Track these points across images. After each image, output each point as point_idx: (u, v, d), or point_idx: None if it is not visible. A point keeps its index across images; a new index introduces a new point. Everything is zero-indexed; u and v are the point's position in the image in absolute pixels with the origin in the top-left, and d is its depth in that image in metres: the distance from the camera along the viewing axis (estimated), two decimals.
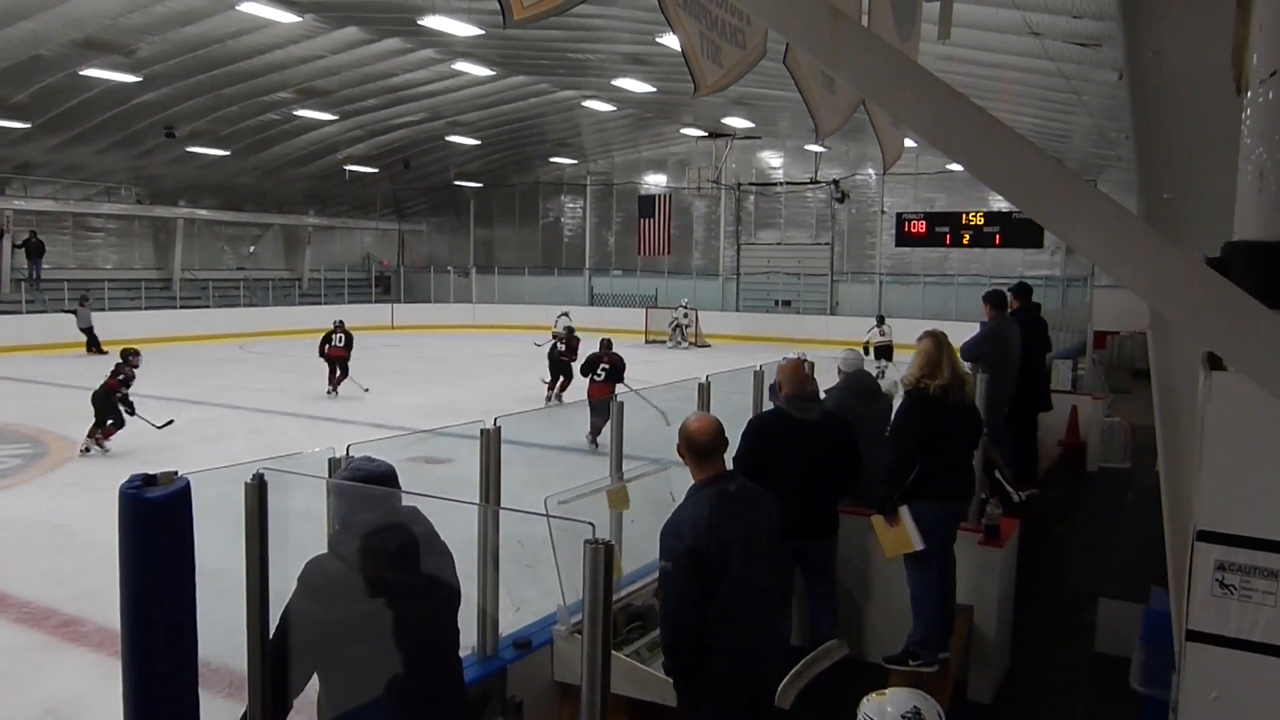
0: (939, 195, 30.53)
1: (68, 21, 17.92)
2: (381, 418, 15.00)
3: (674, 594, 3.44)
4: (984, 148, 1.79)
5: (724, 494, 3.52)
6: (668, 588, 3.48)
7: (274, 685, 2.64)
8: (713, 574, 3.39)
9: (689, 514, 3.50)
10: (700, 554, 3.37)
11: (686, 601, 3.38)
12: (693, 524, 3.44)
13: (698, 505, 3.50)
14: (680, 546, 3.40)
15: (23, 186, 27.92)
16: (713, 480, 3.57)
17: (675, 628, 3.45)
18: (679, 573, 3.39)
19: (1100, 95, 15.17)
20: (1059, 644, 6.36)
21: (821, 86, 4.86)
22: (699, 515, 3.46)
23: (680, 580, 3.39)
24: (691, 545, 3.38)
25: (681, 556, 3.38)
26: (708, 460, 3.59)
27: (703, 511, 3.46)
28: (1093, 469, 11.52)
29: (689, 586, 3.37)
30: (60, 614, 6.89)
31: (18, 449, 12.64)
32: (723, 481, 3.58)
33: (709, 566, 3.38)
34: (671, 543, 3.45)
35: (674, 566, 3.41)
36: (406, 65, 22.84)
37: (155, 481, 2.49)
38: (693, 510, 3.50)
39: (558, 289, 37.19)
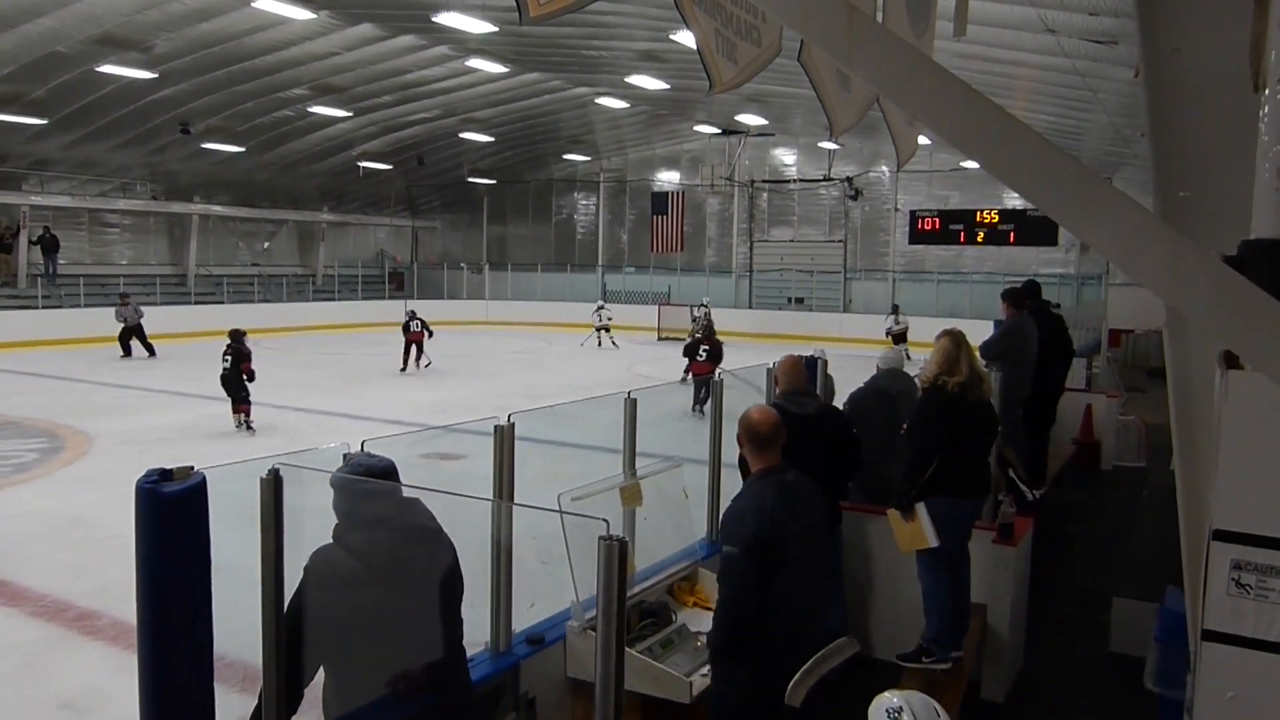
0: (953, 193, 30.41)
1: (85, 18, 18.03)
2: (395, 414, 15.04)
3: (738, 578, 3.50)
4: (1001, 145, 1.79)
5: (783, 484, 3.61)
6: (731, 572, 3.53)
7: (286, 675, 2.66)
8: (771, 561, 3.46)
9: (750, 501, 3.58)
10: (763, 540, 3.45)
11: (749, 586, 3.46)
12: (755, 511, 3.52)
13: (759, 493, 3.58)
14: (744, 532, 3.47)
15: (39, 182, 28.07)
16: (771, 471, 3.65)
17: (735, 611, 3.51)
18: (744, 557, 3.46)
19: (1116, 93, 15.09)
20: (1073, 643, 6.34)
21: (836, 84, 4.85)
22: (761, 502, 3.54)
23: (744, 565, 3.47)
24: (755, 531, 3.46)
25: (746, 540, 3.46)
26: (767, 450, 3.68)
27: (765, 500, 3.54)
28: (1107, 467, 11.48)
29: (752, 572, 3.45)
30: (77, 608, 6.94)
31: (35, 443, 12.72)
32: (780, 472, 3.65)
33: (769, 553, 3.46)
34: (735, 529, 3.52)
35: (739, 552, 3.48)
36: (420, 62, 22.88)
37: (172, 476, 2.51)
38: (754, 498, 3.58)
39: (570, 286, 37.22)
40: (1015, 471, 6.88)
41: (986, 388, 5.23)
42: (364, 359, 24.16)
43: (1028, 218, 26.88)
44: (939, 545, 4.90)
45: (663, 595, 4.53)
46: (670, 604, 4.50)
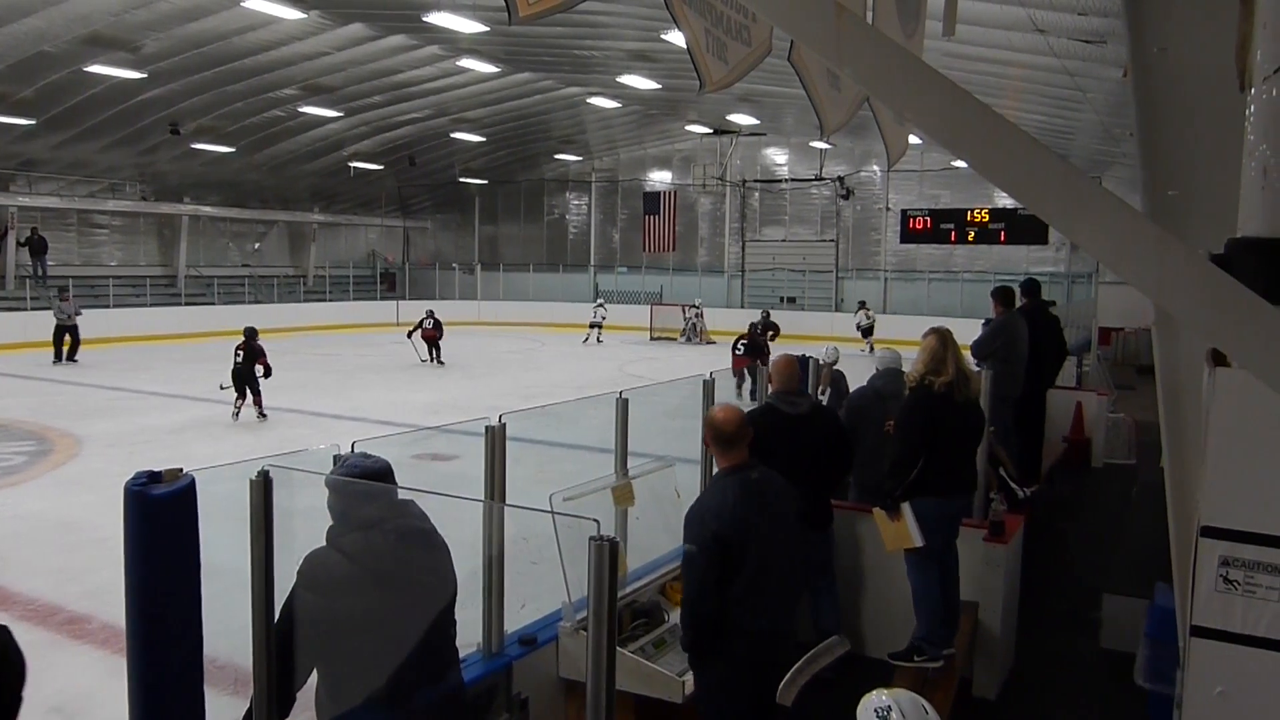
0: (944, 192, 30.49)
1: (73, 18, 17.96)
2: (387, 415, 15.02)
3: (697, 577, 3.56)
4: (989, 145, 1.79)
5: (746, 481, 3.65)
6: (691, 571, 3.60)
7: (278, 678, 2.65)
8: (734, 559, 3.51)
9: (713, 500, 3.64)
10: (723, 539, 3.50)
11: (708, 584, 3.52)
12: (716, 510, 3.57)
13: (722, 492, 3.63)
14: (705, 531, 3.53)
15: (27, 183, 27.95)
16: (736, 468, 3.69)
17: (695, 609, 3.58)
18: (703, 556, 3.52)
19: (1105, 92, 15.15)
20: (1064, 640, 6.36)
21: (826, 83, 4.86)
22: (723, 502, 3.58)
23: (704, 563, 3.52)
24: (715, 530, 3.51)
25: (706, 541, 3.51)
26: (732, 449, 3.71)
27: (727, 498, 3.58)
28: (1098, 465, 11.52)
29: (711, 570, 3.51)
30: (66, 611, 6.91)
31: (23, 446, 12.67)
32: (746, 470, 3.69)
33: (731, 551, 3.51)
34: (696, 528, 3.58)
35: (699, 550, 3.54)
36: (411, 62, 22.85)
37: (161, 478, 2.50)
38: (717, 497, 3.63)
39: (562, 286, 37.23)
40: (1006, 469, 6.90)
41: (974, 387, 5.21)
42: (356, 360, 24.12)
43: (1018, 217, 26.95)
44: (926, 544, 4.91)
45: (655, 595, 4.53)
46: (662, 604, 4.50)
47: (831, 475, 5.34)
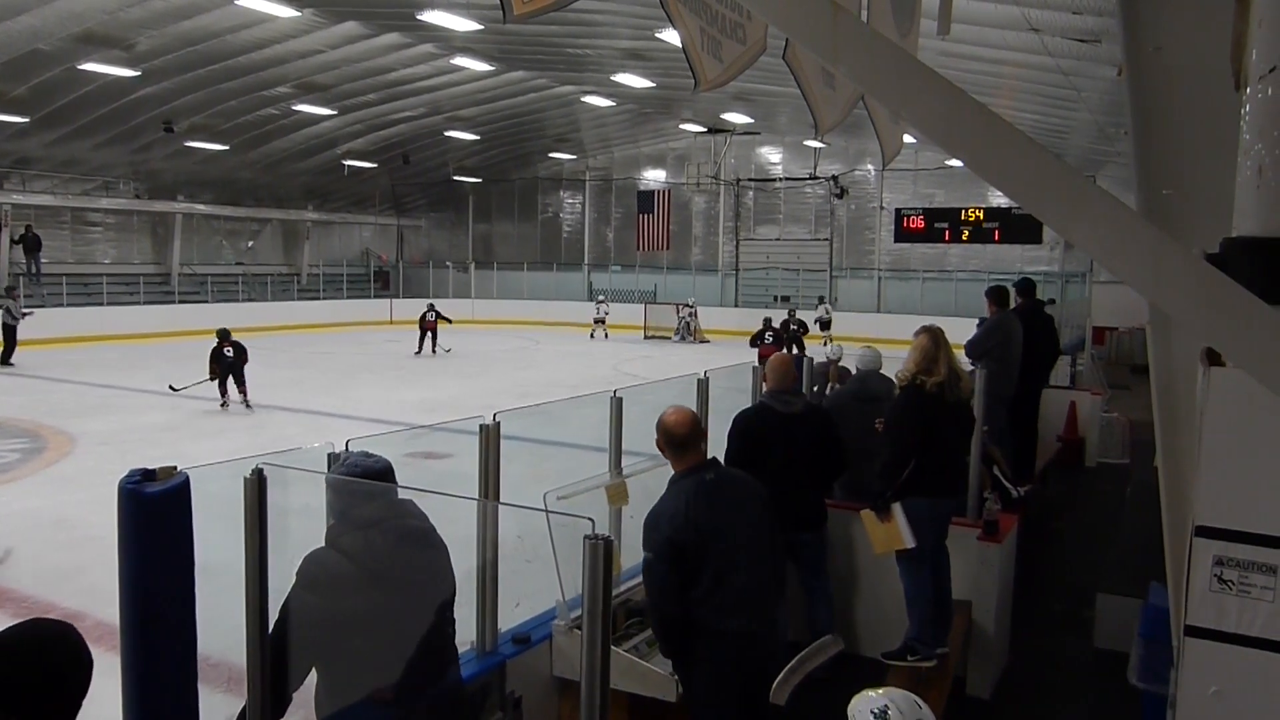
0: (938, 191, 30.52)
1: (66, 16, 17.90)
2: (380, 413, 15.00)
3: (655, 583, 3.62)
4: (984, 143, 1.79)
5: (701, 483, 3.64)
6: (649, 577, 3.65)
7: (273, 679, 2.64)
8: (691, 561, 3.53)
9: (667, 505, 3.65)
10: (677, 543, 3.52)
11: (667, 588, 3.56)
12: (670, 515, 3.58)
13: (675, 496, 3.65)
14: (658, 537, 3.56)
15: (21, 181, 27.88)
16: (691, 471, 3.69)
17: (659, 613, 3.65)
18: (658, 561, 3.56)
19: (1099, 91, 15.18)
20: (1058, 639, 6.38)
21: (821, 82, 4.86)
22: (676, 506, 3.60)
23: (661, 568, 3.56)
24: (669, 535, 3.53)
25: (660, 546, 3.54)
26: (686, 452, 3.72)
27: (680, 503, 3.59)
28: (1091, 464, 11.54)
29: (669, 574, 3.54)
30: (60, 609, 6.88)
31: (16, 444, 12.64)
32: (700, 471, 3.69)
33: (687, 554, 3.52)
34: (650, 534, 3.61)
35: (654, 557, 3.58)
36: (405, 60, 22.81)
37: (155, 477, 2.49)
38: (671, 501, 3.65)
39: (556, 284, 37.21)
40: (1000, 469, 6.90)
41: (965, 386, 5.17)
42: (350, 358, 24.09)
43: (1012, 216, 27.02)
44: (917, 545, 4.90)
45: None
46: None
47: (825, 475, 5.34)
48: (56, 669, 1.83)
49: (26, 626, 1.89)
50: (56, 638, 1.87)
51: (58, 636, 1.87)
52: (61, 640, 1.87)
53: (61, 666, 1.84)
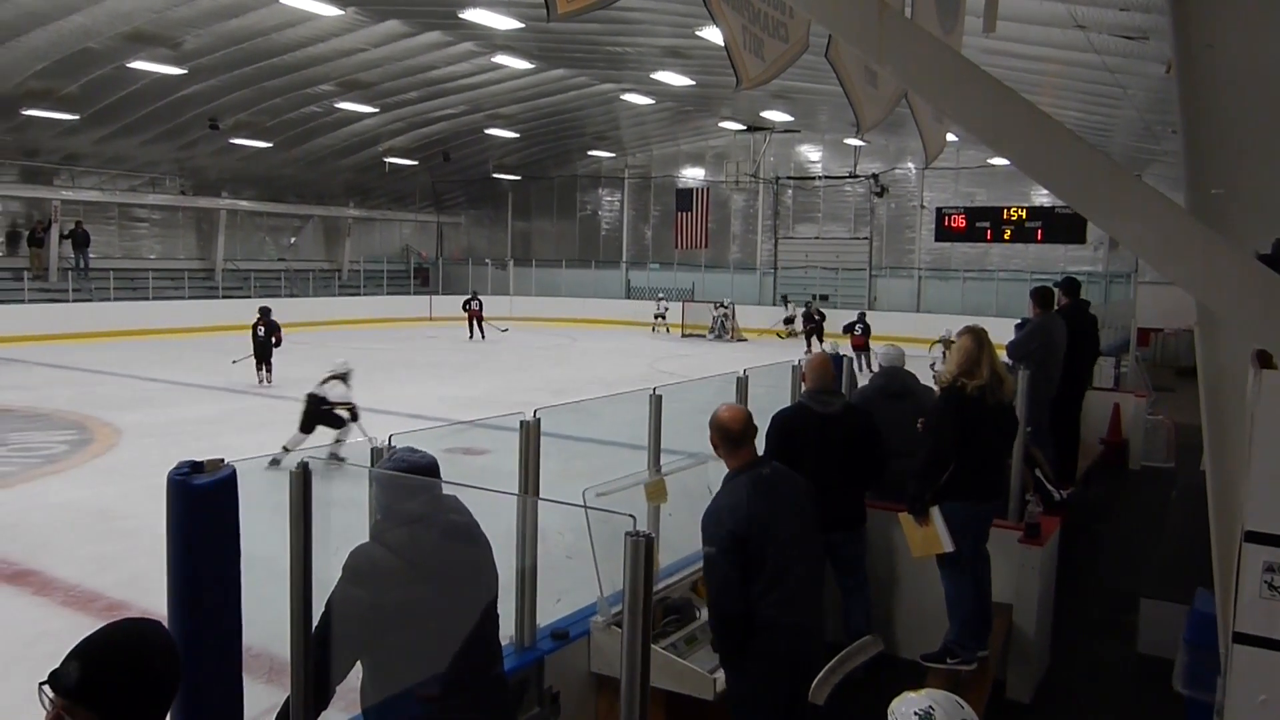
0: (980, 190, 30.22)
1: (116, 15, 18.20)
2: (418, 408, 15.12)
3: (719, 577, 3.61)
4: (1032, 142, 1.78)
5: (758, 479, 3.68)
6: (712, 572, 3.65)
7: (317, 672, 2.67)
8: (753, 556, 3.55)
9: (727, 500, 3.67)
10: (740, 537, 3.54)
11: (731, 583, 3.56)
12: (731, 509, 3.60)
13: (734, 491, 3.67)
14: (721, 531, 3.57)
15: (70, 177, 28.40)
16: (747, 466, 3.73)
17: (722, 609, 3.62)
18: (722, 556, 3.56)
19: (1146, 89, 14.93)
20: (1100, 644, 6.30)
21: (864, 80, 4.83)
22: (736, 500, 3.62)
23: (724, 563, 3.56)
24: (731, 529, 3.55)
25: (723, 540, 3.55)
26: (740, 447, 3.76)
27: (740, 497, 3.62)
28: (1135, 467, 11.38)
29: (732, 569, 3.55)
30: (105, 598, 7.01)
31: (65, 435, 12.87)
32: (757, 467, 3.74)
33: (749, 548, 3.54)
34: (713, 529, 3.62)
35: (717, 551, 3.58)
36: (447, 58, 22.96)
37: (203, 468, 2.53)
38: (730, 496, 3.67)
39: (594, 282, 37.28)
40: (1042, 471, 6.82)
41: (1008, 389, 5.08)
42: (389, 354, 24.28)
43: (1056, 215, 26.70)
44: (956, 549, 4.84)
45: (686, 592, 4.54)
46: (694, 601, 4.50)
47: (862, 475, 5.28)
48: (152, 669, 1.87)
49: (119, 626, 1.94)
50: (150, 638, 1.91)
51: (151, 636, 1.91)
52: (155, 640, 1.91)
53: (157, 666, 1.88)
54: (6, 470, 10.85)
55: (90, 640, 1.86)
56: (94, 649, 1.85)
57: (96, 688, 1.79)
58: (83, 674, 1.79)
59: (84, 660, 1.82)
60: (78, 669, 1.80)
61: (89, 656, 1.83)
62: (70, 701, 1.79)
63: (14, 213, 27.67)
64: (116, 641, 1.88)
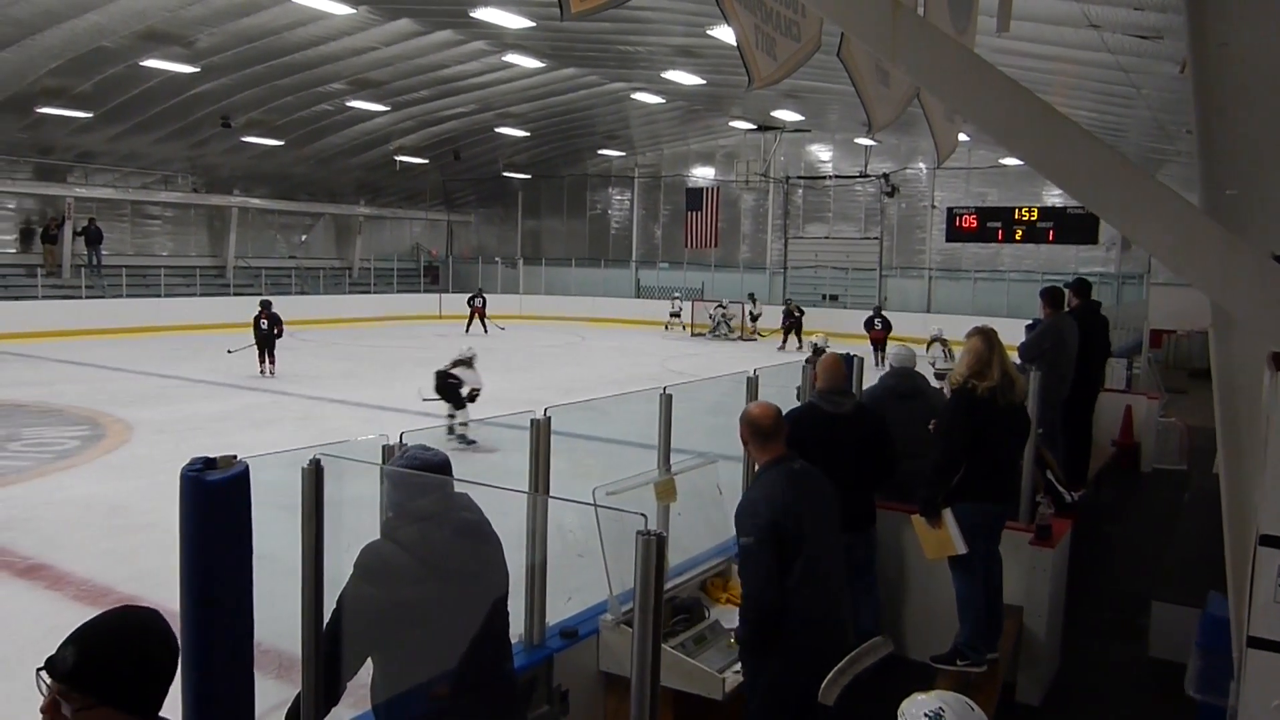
0: (991, 190, 30.12)
1: (130, 13, 18.27)
2: (429, 406, 15.12)
3: (757, 568, 3.57)
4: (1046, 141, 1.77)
5: (791, 472, 3.69)
6: (750, 563, 3.60)
7: (328, 668, 2.68)
8: (788, 547, 3.53)
9: (762, 491, 3.67)
10: (779, 527, 3.52)
11: (771, 574, 3.53)
12: (768, 500, 3.60)
13: (770, 483, 3.67)
14: (760, 521, 3.55)
15: (84, 175, 28.53)
16: (778, 460, 3.72)
17: (759, 601, 3.58)
18: (760, 547, 3.54)
19: (1160, 88, 14.87)
20: (1111, 647, 6.27)
21: (875, 80, 4.81)
22: (772, 491, 3.62)
23: (763, 554, 3.54)
24: (770, 519, 3.53)
25: (763, 530, 3.53)
26: (771, 442, 3.76)
27: (775, 488, 3.62)
28: (1147, 470, 11.33)
29: (771, 560, 3.53)
30: (117, 593, 7.04)
31: (77, 431, 12.93)
32: (788, 461, 3.73)
33: (786, 539, 3.53)
34: (749, 520, 3.60)
35: (755, 542, 3.55)
36: (458, 57, 22.98)
37: (215, 465, 2.54)
38: (765, 487, 3.67)
39: (604, 281, 37.28)
40: (1053, 473, 6.79)
41: (1019, 390, 5.06)
42: (399, 351, 24.33)
43: (1067, 215, 26.58)
44: (968, 551, 4.83)
45: (695, 591, 4.54)
46: (703, 600, 4.50)
47: (872, 476, 5.26)
48: (148, 654, 1.88)
49: (117, 614, 1.95)
50: (146, 624, 1.93)
51: (148, 623, 1.93)
52: (152, 626, 1.93)
53: (152, 652, 1.89)
54: (20, 465, 10.91)
55: (86, 626, 1.88)
56: (90, 634, 1.86)
57: (92, 672, 1.80)
58: (78, 659, 1.81)
59: (80, 645, 1.83)
60: (74, 654, 1.81)
61: (85, 642, 1.84)
62: (66, 686, 1.80)
63: (28, 210, 27.80)
64: (112, 627, 1.89)
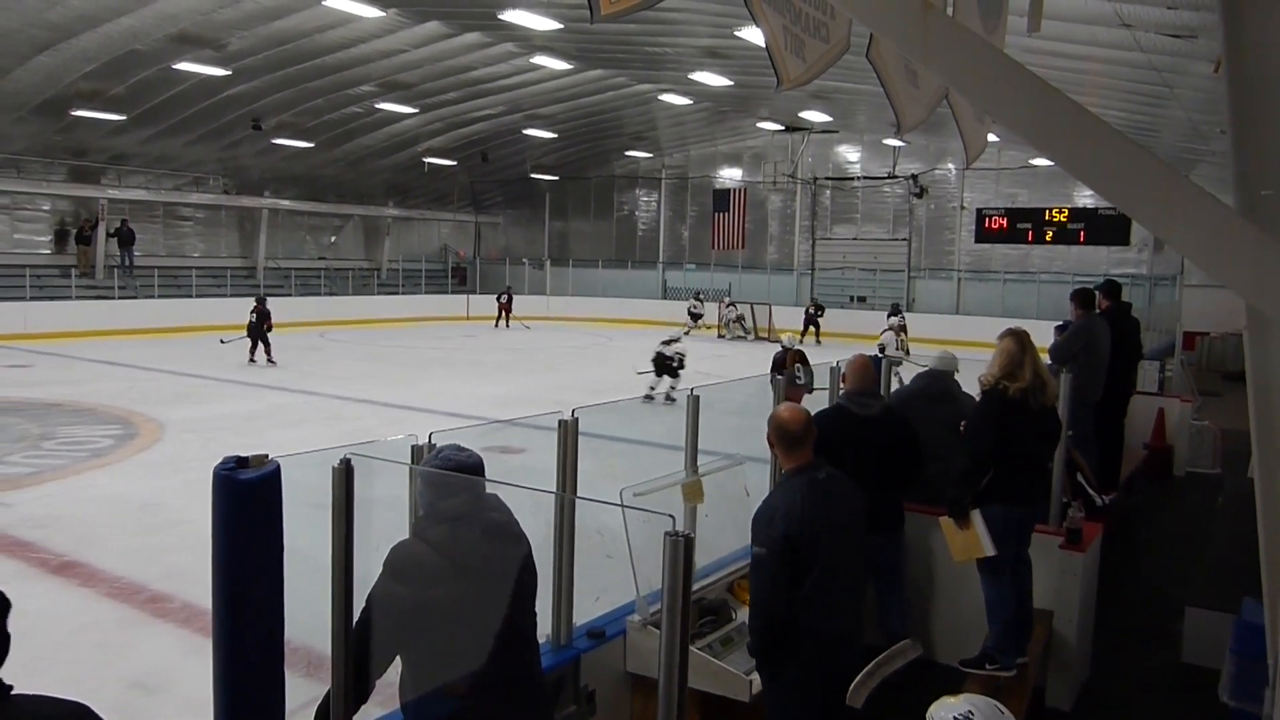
0: (1021, 191, 29.89)
1: (163, 17, 18.48)
2: (455, 406, 15.21)
3: (767, 579, 3.53)
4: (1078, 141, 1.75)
5: (814, 482, 3.61)
6: (760, 573, 3.56)
7: (356, 666, 2.69)
8: (803, 560, 3.47)
9: (781, 501, 3.59)
10: (793, 540, 3.46)
11: (779, 586, 3.48)
12: (785, 510, 3.52)
13: (789, 493, 3.59)
14: (774, 533, 3.49)
15: (117, 176, 28.87)
16: (803, 469, 3.65)
17: (767, 612, 3.54)
18: (772, 558, 3.48)
19: (1194, 88, 14.71)
20: (1143, 653, 6.20)
21: (905, 80, 4.79)
22: (791, 502, 3.54)
23: (774, 565, 3.48)
24: (785, 531, 3.47)
25: (775, 542, 3.47)
26: (798, 449, 3.67)
27: (795, 499, 3.54)
28: (1180, 474, 11.19)
29: (782, 572, 3.47)
30: (149, 590, 7.13)
31: (110, 430, 13.09)
32: (812, 470, 3.65)
33: (800, 552, 3.47)
34: (764, 530, 3.54)
35: (767, 552, 3.50)
36: (486, 59, 23.08)
37: (247, 464, 2.56)
38: (785, 497, 3.59)
39: (631, 282, 37.31)
40: (1084, 475, 6.73)
41: (1051, 392, 5.02)
42: (427, 352, 24.47)
43: (1099, 216, 26.34)
44: (997, 554, 4.79)
45: (722, 593, 4.53)
46: (730, 602, 4.49)
47: (900, 478, 5.23)
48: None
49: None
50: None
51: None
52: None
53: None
54: (54, 463, 11.06)
55: None
56: None
57: None
58: None
59: None
60: None
61: None
62: None
63: (62, 211, 28.17)
64: None
